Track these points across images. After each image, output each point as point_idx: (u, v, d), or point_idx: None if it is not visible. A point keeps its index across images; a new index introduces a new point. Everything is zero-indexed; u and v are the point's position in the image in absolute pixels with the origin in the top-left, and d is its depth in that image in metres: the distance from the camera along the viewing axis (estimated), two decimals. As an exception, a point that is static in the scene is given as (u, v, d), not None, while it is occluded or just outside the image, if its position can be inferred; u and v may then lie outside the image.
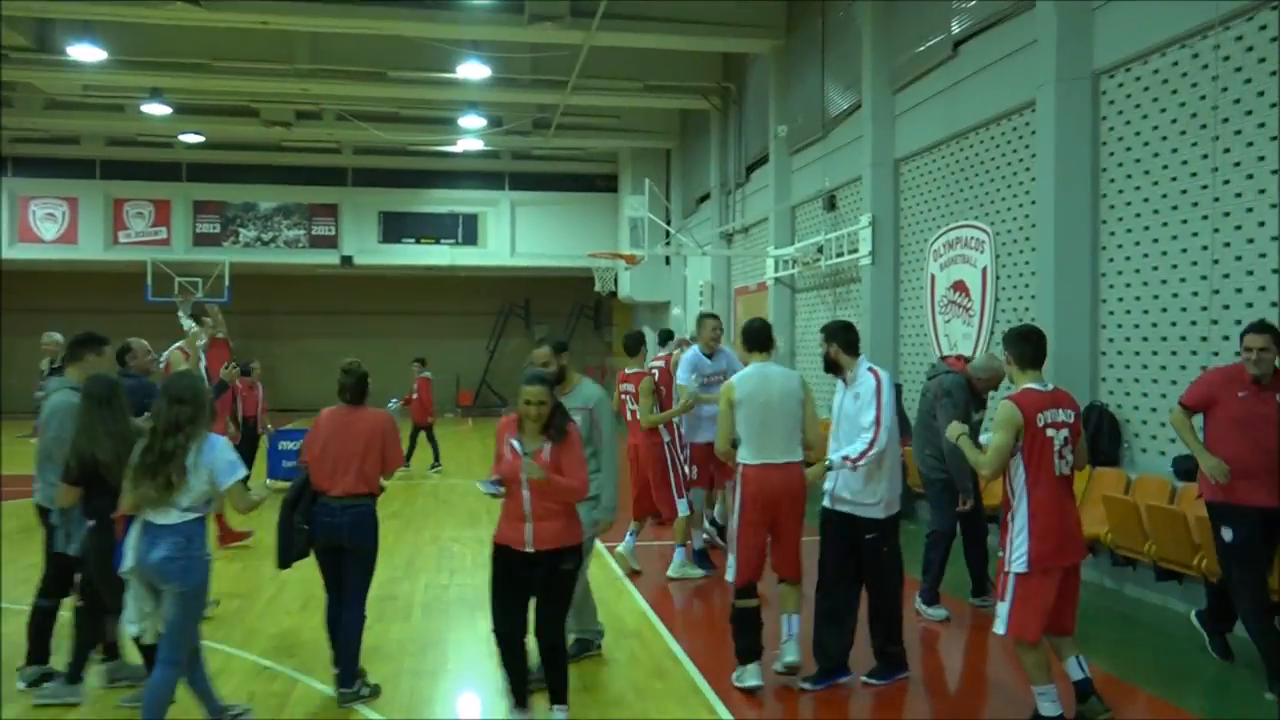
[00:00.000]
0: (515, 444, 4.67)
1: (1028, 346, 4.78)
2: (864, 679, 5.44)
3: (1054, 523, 4.52)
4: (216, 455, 4.37)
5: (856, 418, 5.25)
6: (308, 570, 8.18)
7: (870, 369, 5.39)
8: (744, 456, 5.32)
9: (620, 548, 8.24)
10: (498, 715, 4.99)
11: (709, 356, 8.22)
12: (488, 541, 4.67)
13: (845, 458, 5.13)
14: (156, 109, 19.31)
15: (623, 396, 8.26)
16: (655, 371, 8.52)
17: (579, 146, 24.13)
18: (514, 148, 24.49)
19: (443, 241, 25.82)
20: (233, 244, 25.20)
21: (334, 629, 5.15)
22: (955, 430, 4.91)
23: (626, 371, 8.38)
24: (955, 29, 10.48)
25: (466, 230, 25.93)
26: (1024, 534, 4.53)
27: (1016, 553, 4.52)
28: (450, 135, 22.22)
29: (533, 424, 4.63)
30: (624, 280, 23.37)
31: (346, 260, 25.62)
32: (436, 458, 15.40)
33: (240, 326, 26.61)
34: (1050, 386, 4.77)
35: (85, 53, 15.98)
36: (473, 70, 17.21)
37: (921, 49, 11.20)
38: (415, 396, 15.39)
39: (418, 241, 25.77)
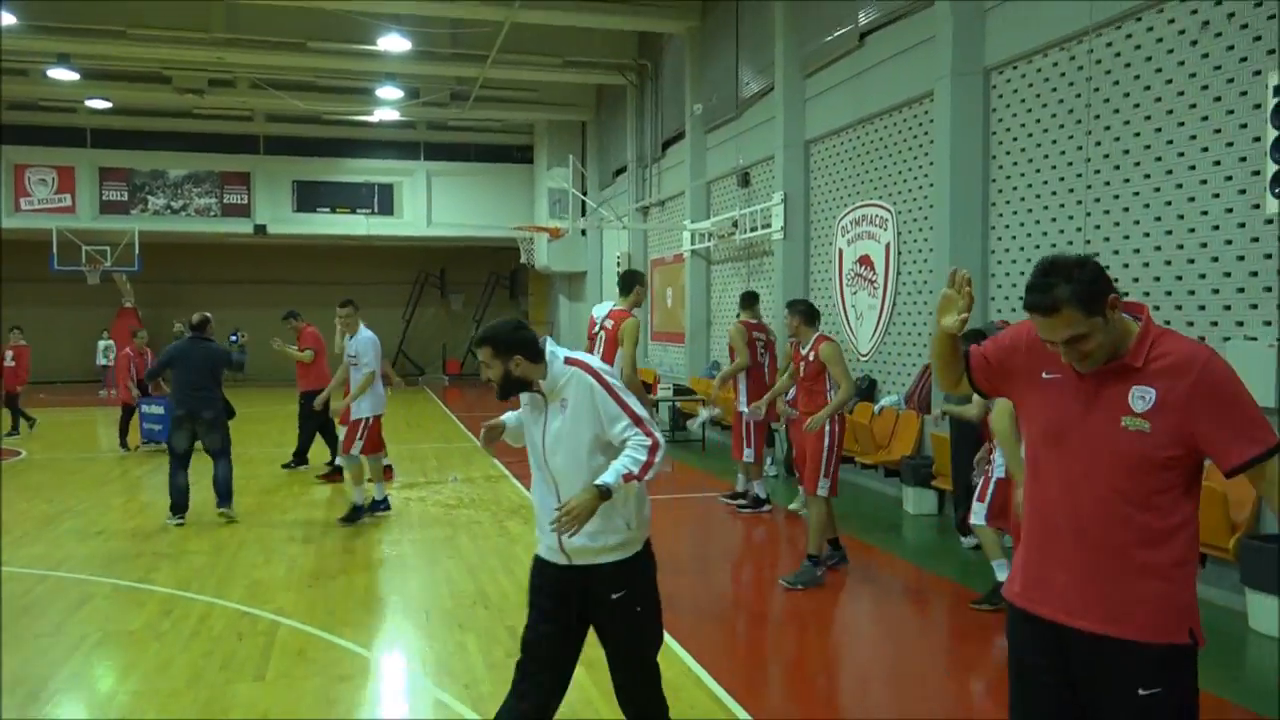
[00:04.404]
0: None
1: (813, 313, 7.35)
2: None
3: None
4: None
5: (597, 429, 3.43)
6: (263, 530, 8.68)
7: (568, 360, 3.50)
8: None
9: None
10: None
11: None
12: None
13: (628, 475, 3.32)
14: (63, 74, 19.03)
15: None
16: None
17: (495, 118, 24.45)
18: (430, 118, 24.66)
19: (358, 211, 25.86)
20: (141, 212, 24.82)
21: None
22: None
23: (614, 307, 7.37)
24: (862, 20, 11.28)
25: (382, 200, 26.00)
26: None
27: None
28: (367, 105, 22.30)
29: None
30: (540, 251, 23.86)
31: (260, 229, 25.47)
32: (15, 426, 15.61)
33: (150, 295, 26.42)
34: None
35: (-6, 18, 15.74)
36: (393, 43, 17.45)
37: (830, 38, 11.97)
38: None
39: (333, 211, 25.76)
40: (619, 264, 20.54)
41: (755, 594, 7.15)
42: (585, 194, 20.23)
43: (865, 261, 11.45)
